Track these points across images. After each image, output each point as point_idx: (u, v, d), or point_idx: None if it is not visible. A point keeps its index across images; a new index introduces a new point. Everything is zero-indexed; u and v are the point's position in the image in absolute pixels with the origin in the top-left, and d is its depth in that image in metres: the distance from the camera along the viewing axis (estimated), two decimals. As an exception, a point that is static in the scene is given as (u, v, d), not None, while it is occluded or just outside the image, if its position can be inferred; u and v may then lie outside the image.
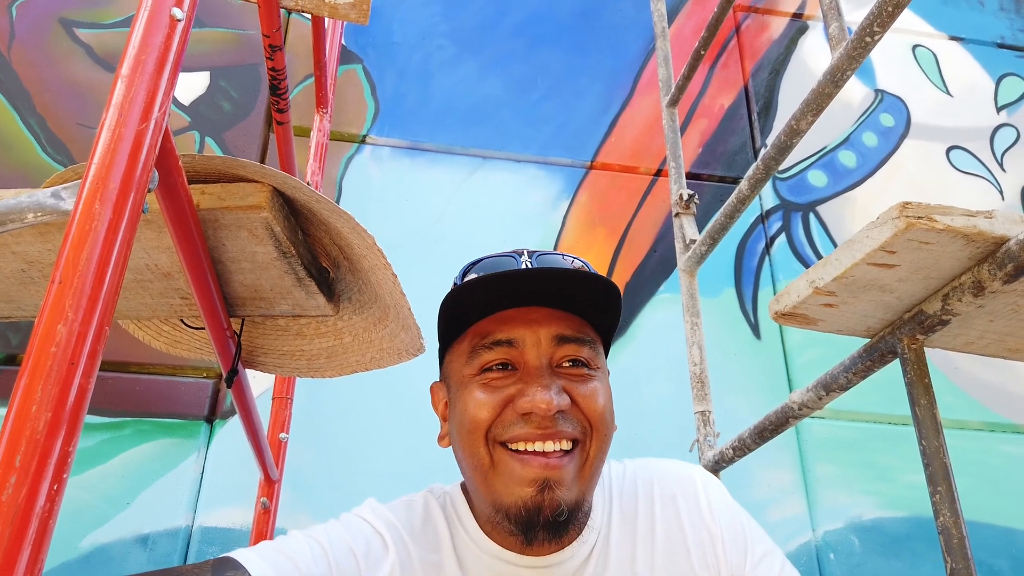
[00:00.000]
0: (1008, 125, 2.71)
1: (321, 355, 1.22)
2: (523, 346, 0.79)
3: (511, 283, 0.78)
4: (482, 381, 0.79)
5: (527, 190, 2.35)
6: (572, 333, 0.80)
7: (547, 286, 0.79)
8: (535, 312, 0.80)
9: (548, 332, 0.79)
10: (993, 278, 0.91)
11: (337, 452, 1.87)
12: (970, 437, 2.19)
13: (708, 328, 2.10)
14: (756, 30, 2.76)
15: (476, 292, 0.79)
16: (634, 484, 0.89)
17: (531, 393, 0.75)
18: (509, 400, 0.77)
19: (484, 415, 0.77)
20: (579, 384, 0.79)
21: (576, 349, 0.80)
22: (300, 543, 0.77)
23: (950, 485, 1.01)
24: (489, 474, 0.77)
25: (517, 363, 0.79)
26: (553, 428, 0.75)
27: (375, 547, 0.79)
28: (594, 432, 0.78)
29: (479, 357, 0.80)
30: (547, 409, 0.74)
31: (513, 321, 0.80)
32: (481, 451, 0.77)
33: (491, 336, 0.80)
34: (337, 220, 0.93)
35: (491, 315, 0.81)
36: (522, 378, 0.78)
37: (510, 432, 0.76)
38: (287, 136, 1.53)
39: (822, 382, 1.26)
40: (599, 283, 0.80)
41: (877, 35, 1.19)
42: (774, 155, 1.49)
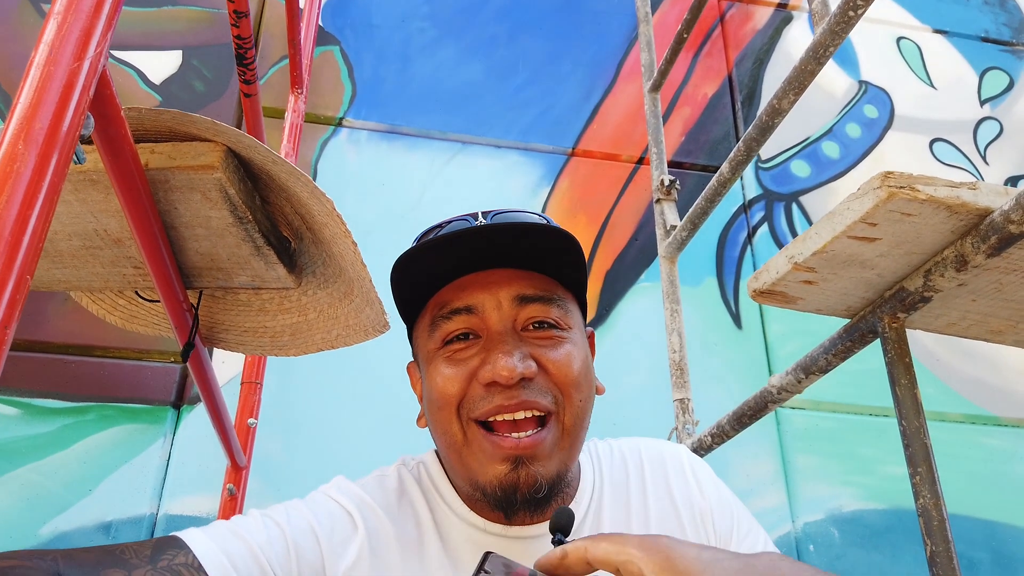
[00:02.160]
0: (991, 118, 2.70)
1: (285, 332, 1.17)
2: (483, 311, 0.74)
3: (462, 245, 0.73)
4: (445, 355, 0.75)
5: (507, 176, 2.31)
6: (535, 292, 0.75)
7: (501, 244, 0.74)
8: (494, 275, 0.75)
9: (508, 293, 0.75)
10: (976, 251, 0.88)
11: (307, 439, 1.82)
12: (951, 429, 2.18)
13: (689, 318, 2.07)
14: (740, 19, 2.74)
15: (427, 259, 0.74)
16: (623, 460, 0.87)
17: (492, 361, 0.71)
18: (473, 372, 0.73)
19: (452, 390, 0.73)
20: (548, 349, 0.74)
21: (542, 309, 0.75)
22: (255, 523, 0.72)
23: (930, 466, 0.99)
24: (463, 451, 0.74)
25: (480, 331, 0.75)
26: (518, 398, 0.71)
27: (341, 526, 0.75)
28: (567, 400, 0.74)
29: (439, 328, 0.76)
30: (509, 377, 0.70)
31: (472, 286, 0.75)
32: (454, 428, 0.74)
33: (449, 305, 0.75)
34: (295, 183, 0.89)
35: (448, 283, 0.77)
36: (485, 346, 0.74)
37: (478, 408, 0.72)
38: (255, 109, 1.48)
39: (802, 364, 1.24)
40: (554, 233, 0.74)
41: (860, 9, 1.16)
42: (756, 136, 1.46)
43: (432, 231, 0.80)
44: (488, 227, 0.73)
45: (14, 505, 1.66)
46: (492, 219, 0.78)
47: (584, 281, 0.82)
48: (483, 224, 0.75)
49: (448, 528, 0.77)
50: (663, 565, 0.49)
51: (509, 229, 0.73)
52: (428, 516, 0.78)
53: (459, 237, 0.73)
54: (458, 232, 0.73)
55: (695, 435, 1.65)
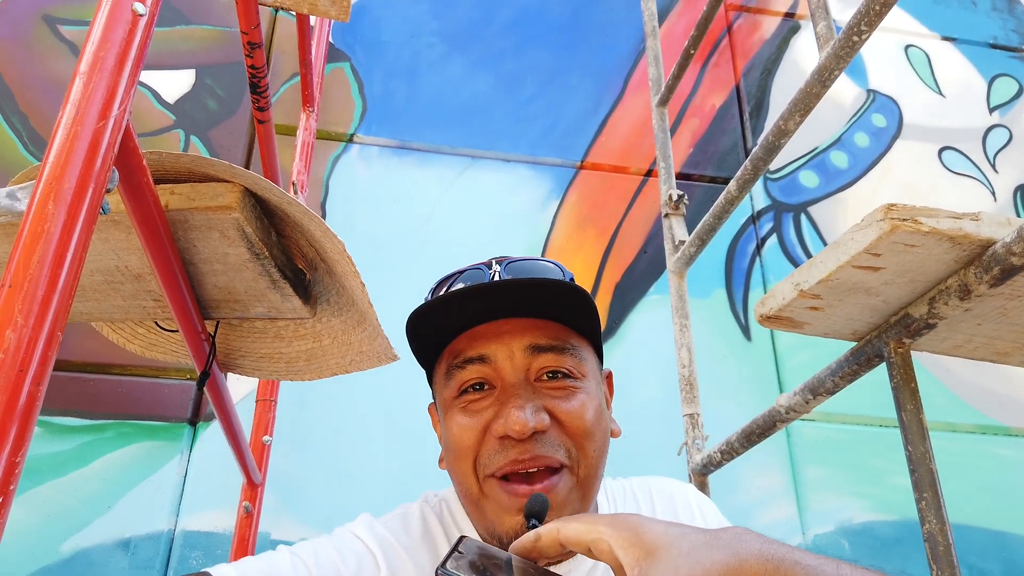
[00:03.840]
0: (1000, 126, 2.70)
1: (300, 358, 1.20)
2: (496, 362, 0.75)
3: (475, 298, 0.74)
4: (461, 404, 0.76)
5: (516, 190, 2.33)
6: (548, 341, 0.75)
7: (514, 295, 0.75)
8: (507, 324, 0.76)
9: (521, 343, 0.75)
10: (979, 281, 0.89)
11: (322, 456, 1.85)
12: (961, 440, 2.18)
13: (698, 330, 2.08)
14: (748, 29, 2.75)
15: (441, 312, 0.75)
16: (635, 498, 0.89)
17: (504, 415, 0.72)
18: (488, 424, 0.74)
19: (468, 441, 0.74)
20: (561, 400, 0.74)
21: (555, 359, 0.75)
22: (284, 562, 0.73)
23: (936, 492, 1.00)
24: (480, 502, 0.74)
25: (494, 381, 0.75)
26: (532, 452, 0.71)
27: (366, 567, 0.75)
28: (580, 452, 0.74)
29: (454, 377, 0.76)
30: (521, 432, 0.70)
31: (484, 336, 0.76)
32: (470, 481, 0.75)
33: (463, 354, 0.76)
34: (309, 223, 0.91)
35: (463, 332, 0.77)
36: (498, 398, 0.74)
37: (493, 464, 0.73)
38: (268, 135, 1.51)
39: (809, 386, 1.25)
40: (565, 289, 0.75)
41: (864, 34, 1.17)
42: (762, 155, 1.48)
43: (447, 281, 0.81)
44: (500, 283, 0.74)
45: (35, 522, 1.69)
46: (506, 267, 0.79)
47: (598, 326, 0.83)
48: (496, 281, 0.75)
49: None
50: (632, 541, 0.51)
51: (519, 285, 0.74)
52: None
53: (471, 293, 0.74)
54: (469, 289, 0.74)
55: (705, 450, 1.67)
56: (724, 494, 1.90)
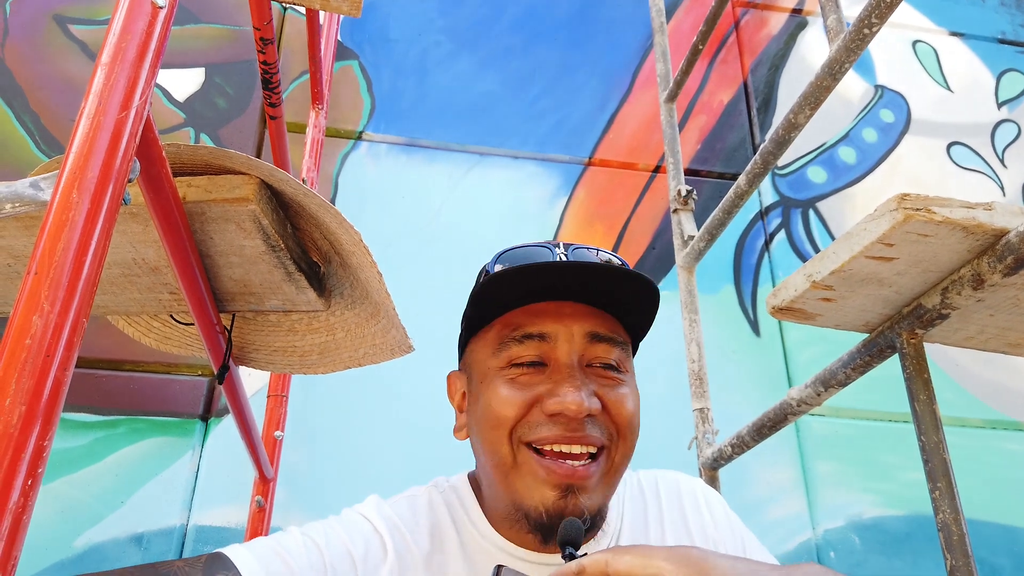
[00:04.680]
0: (1009, 121, 2.69)
1: (313, 351, 1.20)
2: (555, 341, 0.75)
3: (550, 275, 0.75)
4: (509, 376, 0.76)
5: (525, 187, 2.34)
6: (605, 332, 0.77)
7: (583, 281, 0.76)
8: (568, 307, 0.77)
9: (581, 329, 0.76)
10: (993, 271, 0.89)
11: (333, 450, 1.86)
12: (971, 435, 2.18)
13: (707, 326, 2.08)
14: (755, 25, 2.75)
15: (511, 281, 0.75)
16: (642, 492, 0.89)
17: (562, 393, 0.72)
18: (537, 399, 0.74)
19: (510, 413, 0.74)
20: (609, 388, 0.76)
21: (608, 350, 0.77)
22: (296, 543, 0.74)
23: (950, 481, 1.00)
24: (511, 473, 0.75)
25: (547, 359, 0.76)
26: (581, 432, 0.72)
27: (373, 549, 0.76)
28: (620, 439, 0.76)
29: (507, 350, 0.77)
30: (577, 411, 0.71)
31: (545, 315, 0.76)
32: (504, 449, 0.75)
33: (522, 329, 0.76)
34: (325, 214, 0.92)
35: (522, 307, 0.78)
36: (551, 376, 0.75)
37: (536, 433, 0.73)
38: (280, 131, 1.52)
39: (820, 378, 1.25)
40: (640, 282, 0.76)
41: (875, 27, 1.17)
42: (772, 149, 1.48)
43: (509, 252, 0.81)
44: (579, 265, 0.74)
45: (49, 517, 1.70)
46: (572, 252, 0.79)
47: (647, 328, 0.84)
48: (574, 262, 0.75)
49: (475, 552, 0.79)
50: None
51: (597, 271, 0.75)
52: (455, 540, 0.79)
53: (549, 270, 0.74)
54: (550, 265, 0.74)
55: (715, 445, 1.67)
56: (734, 489, 1.90)
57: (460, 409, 0.85)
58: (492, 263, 0.81)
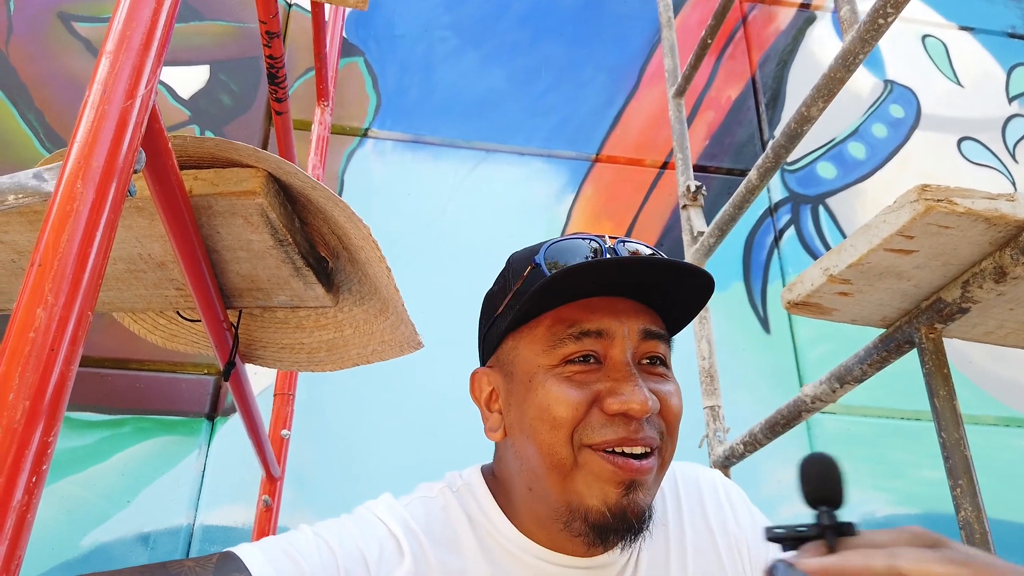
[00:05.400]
0: (1020, 115, 2.66)
1: (321, 348, 1.19)
2: (611, 338, 0.73)
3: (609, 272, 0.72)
4: (564, 374, 0.73)
5: (531, 183, 2.32)
6: (657, 328, 0.75)
7: (639, 277, 0.73)
8: (622, 303, 0.75)
9: (636, 325, 0.74)
10: (1016, 263, 0.88)
11: (339, 449, 1.84)
12: (984, 432, 2.15)
13: (717, 323, 2.06)
14: (763, 21, 2.72)
15: (571, 278, 0.72)
16: (661, 489, 0.86)
17: (626, 392, 0.70)
18: (596, 397, 0.71)
19: (569, 413, 0.71)
20: (661, 384, 0.74)
21: (657, 346, 0.75)
22: (308, 544, 0.71)
23: (971, 478, 0.98)
24: (572, 473, 0.71)
25: (602, 356, 0.74)
26: (642, 432, 0.70)
27: (388, 551, 0.73)
28: (670, 437, 0.74)
29: (562, 347, 0.73)
30: (642, 411, 0.69)
31: (600, 310, 0.74)
32: (563, 451, 0.71)
33: (578, 325, 0.73)
34: (333, 208, 0.90)
35: (573, 302, 0.75)
36: (609, 375, 0.72)
37: (599, 435, 0.70)
38: (286, 126, 1.50)
39: (836, 374, 1.23)
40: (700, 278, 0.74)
41: (890, 16, 1.15)
42: (784, 143, 1.46)
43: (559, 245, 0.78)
44: (647, 261, 0.72)
45: (55, 517, 1.69)
46: (622, 246, 0.77)
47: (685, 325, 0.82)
48: (644, 257, 0.74)
49: (498, 554, 0.76)
50: None
51: (667, 267, 0.72)
52: (473, 542, 0.77)
53: (615, 264, 0.72)
54: (620, 261, 0.72)
55: (726, 442, 1.65)
56: (745, 487, 1.86)
57: (489, 408, 0.81)
58: (540, 256, 0.78)
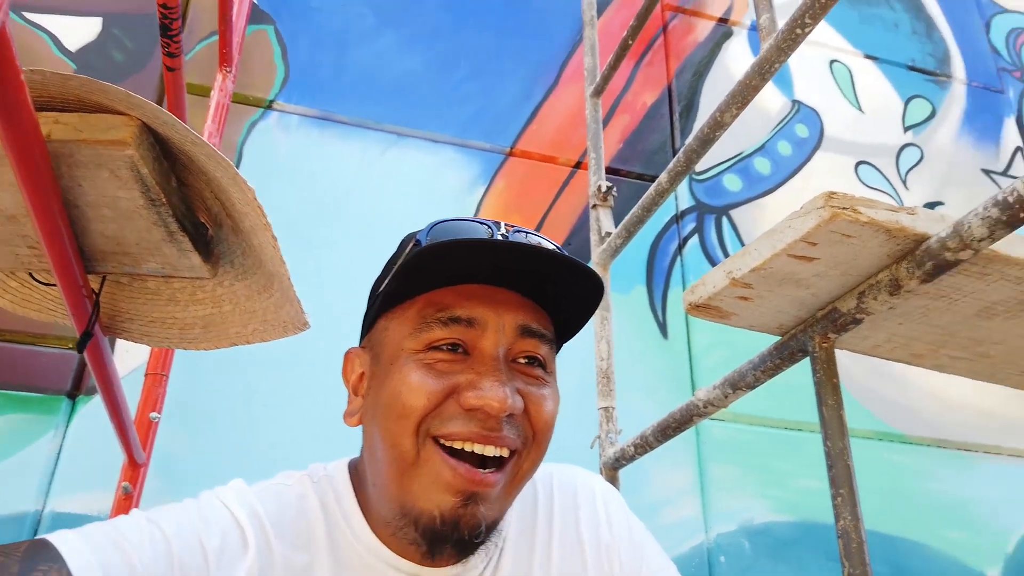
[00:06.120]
0: (913, 145, 2.80)
1: (196, 324, 1.09)
2: (483, 329, 0.68)
3: (491, 256, 0.67)
4: (425, 360, 0.68)
5: (443, 172, 2.26)
6: (538, 327, 0.70)
7: (525, 268, 0.68)
8: (502, 294, 0.70)
9: (514, 320, 0.69)
10: (911, 276, 0.89)
11: (215, 436, 1.73)
12: (860, 445, 2.24)
13: (617, 326, 2.06)
14: (682, 31, 2.76)
15: (447, 256, 0.67)
16: (534, 492, 0.82)
17: (485, 387, 0.65)
18: (454, 389, 0.66)
19: (421, 402, 0.66)
20: (533, 386, 0.70)
21: (536, 346, 0.70)
22: (140, 532, 0.63)
23: (852, 488, 0.99)
24: (410, 471, 0.66)
25: (470, 347, 0.69)
26: (498, 432, 0.66)
27: (231, 543, 0.66)
28: (535, 444, 0.70)
29: (429, 332, 0.68)
30: (500, 409, 0.64)
31: (477, 298, 0.69)
32: (406, 442, 0.66)
33: (450, 310, 0.68)
34: (216, 168, 0.82)
35: (452, 286, 0.70)
36: (474, 367, 0.67)
37: (448, 427, 0.66)
38: (178, 84, 1.39)
39: (729, 380, 1.23)
40: (589, 279, 0.70)
41: (808, 27, 1.16)
42: (696, 148, 1.46)
43: (445, 224, 0.73)
44: (530, 248, 0.67)
45: None
46: (514, 236, 0.72)
47: (576, 331, 0.78)
48: (526, 244, 0.68)
49: (347, 555, 0.71)
50: None
51: (549, 258, 0.67)
52: (324, 540, 0.71)
53: (495, 248, 0.67)
54: (497, 243, 0.67)
55: (618, 444, 1.64)
56: (633, 490, 1.88)
57: (356, 392, 0.76)
58: (424, 233, 0.73)
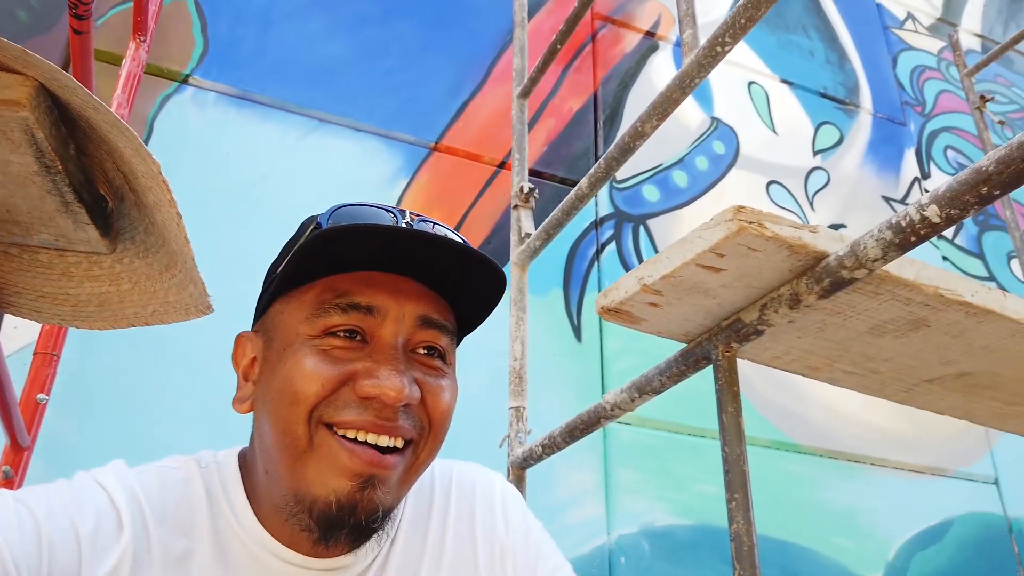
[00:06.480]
0: (821, 169, 2.94)
1: (91, 302, 1.04)
2: (383, 317, 0.67)
3: (394, 243, 0.67)
4: (321, 347, 0.67)
5: (365, 162, 2.22)
6: (438, 317, 0.70)
7: (428, 257, 0.68)
8: (404, 282, 0.69)
9: (415, 309, 0.69)
10: (810, 291, 0.93)
11: (110, 420, 1.65)
12: (756, 453, 2.33)
13: (533, 327, 2.08)
14: (611, 40, 2.81)
15: (348, 241, 0.66)
16: (431, 486, 0.81)
17: (382, 376, 0.64)
18: (350, 377, 0.65)
19: (314, 389, 0.65)
20: (431, 377, 0.69)
21: (436, 336, 0.70)
22: (5, 512, 0.60)
23: (746, 493, 1.03)
24: (303, 457, 0.65)
25: (368, 335, 0.68)
26: (394, 422, 0.65)
27: (106, 525, 0.63)
28: (431, 434, 0.69)
29: (326, 317, 0.67)
30: (396, 399, 0.64)
31: (377, 286, 0.68)
32: (299, 429, 0.65)
33: (349, 297, 0.67)
34: (119, 138, 0.78)
35: (351, 272, 0.69)
36: (371, 355, 0.66)
37: (341, 415, 0.64)
38: (86, 49, 1.31)
39: (636, 384, 1.26)
40: (491, 271, 0.70)
41: (728, 46, 1.19)
42: (617, 155, 1.48)
43: (347, 209, 0.72)
44: (433, 238, 0.67)
45: None
46: (419, 224, 0.72)
47: (477, 323, 0.78)
48: (429, 233, 0.67)
49: (231, 547, 0.68)
50: None
51: (453, 249, 0.67)
52: (208, 529, 0.68)
53: (396, 235, 0.66)
54: (399, 231, 0.66)
55: (526, 444, 1.65)
56: (539, 491, 1.90)
57: (246, 377, 0.74)
58: (325, 216, 0.72)
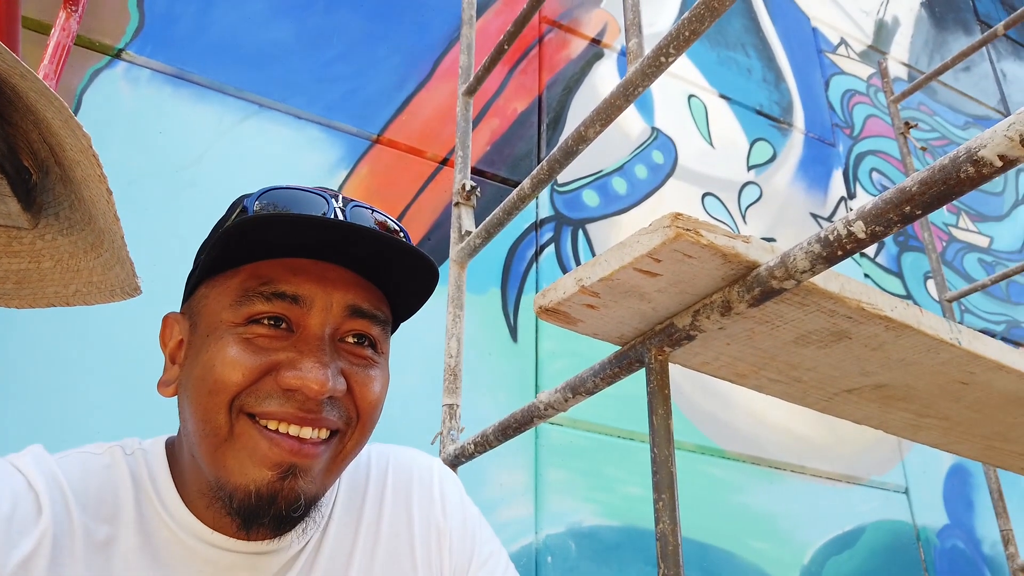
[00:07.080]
0: (754, 183, 3.03)
1: (9, 279, 0.99)
2: (309, 307, 0.66)
3: (323, 231, 0.65)
4: (244, 335, 0.66)
5: (304, 150, 2.18)
6: (369, 307, 0.69)
7: (358, 246, 0.67)
8: (333, 271, 0.68)
9: (343, 299, 0.68)
10: (741, 300, 0.95)
11: (23, 407, 1.57)
12: (682, 457, 2.39)
13: (469, 325, 2.08)
14: (557, 45, 2.83)
15: (276, 228, 0.64)
16: (367, 471, 0.81)
17: (305, 368, 0.63)
18: (273, 367, 0.64)
19: (236, 377, 0.64)
20: (360, 368, 0.69)
21: (367, 326, 0.69)
22: None
23: (673, 494, 1.05)
24: (224, 446, 0.64)
25: (295, 324, 0.67)
26: (317, 414, 0.64)
27: (24, 509, 0.62)
28: (359, 425, 0.69)
29: (250, 305, 0.66)
30: (319, 392, 0.63)
31: (304, 274, 0.67)
32: (219, 418, 0.64)
33: (274, 285, 0.66)
34: (47, 108, 0.74)
35: (278, 259, 0.67)
36: (296, 345, 0.65)
37: (263, 406, 0.64)
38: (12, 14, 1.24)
39: (570, 384, 1.27)
40: (422, 262, 0.69)
41: (672, 57, 1.22)
42: (559, 158, 1.50)
43: (275, 192, 0.70)
44: (361, 229, 0.65)
45: None
46: (352, 211, 0.70)
47: (412, 313, 0.77)
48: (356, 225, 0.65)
49: (157, 532, 0.67)
50: None
51: (381, 240, 0.66)
52: (132, 515, 0.67)
53: (326, 226, 0.64)
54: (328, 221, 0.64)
55: (459, 442, 1.65)
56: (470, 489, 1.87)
57: (173, 360, 0.73)
58: (252, 200, 0.70)
